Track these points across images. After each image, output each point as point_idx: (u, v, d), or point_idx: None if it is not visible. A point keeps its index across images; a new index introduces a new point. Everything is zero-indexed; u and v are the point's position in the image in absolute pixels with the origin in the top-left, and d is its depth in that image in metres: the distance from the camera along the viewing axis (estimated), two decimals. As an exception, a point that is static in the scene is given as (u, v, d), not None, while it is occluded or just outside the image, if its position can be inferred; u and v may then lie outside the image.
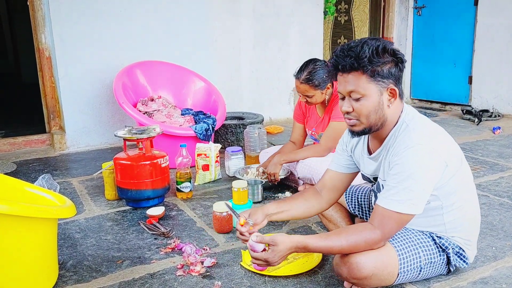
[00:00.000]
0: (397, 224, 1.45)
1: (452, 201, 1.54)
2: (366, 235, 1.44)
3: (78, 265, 1.86)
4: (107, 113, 3.80)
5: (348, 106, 1.48)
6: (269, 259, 1.49)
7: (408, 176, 1.41)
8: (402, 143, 1.45)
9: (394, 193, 1.43)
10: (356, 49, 1.42)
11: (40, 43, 3.60)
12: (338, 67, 1.46)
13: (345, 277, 1.50)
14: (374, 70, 1.42)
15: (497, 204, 2.42)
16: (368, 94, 1.44)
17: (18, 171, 3.17)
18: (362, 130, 1.51)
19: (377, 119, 1.48)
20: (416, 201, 1.42)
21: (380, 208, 1.45)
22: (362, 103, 1.45)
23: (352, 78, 1.45)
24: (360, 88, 1.44)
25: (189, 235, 2.12)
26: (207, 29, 4.14)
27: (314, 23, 4.80)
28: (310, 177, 2.46)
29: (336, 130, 2.43)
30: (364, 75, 1.43)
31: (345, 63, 1.43)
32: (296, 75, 2.42)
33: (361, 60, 1.41)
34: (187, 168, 2.57)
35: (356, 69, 1.43)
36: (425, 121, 1.53)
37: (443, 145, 1.48)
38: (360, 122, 1.49)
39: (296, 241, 1.49)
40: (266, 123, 4.52)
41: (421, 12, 5.49)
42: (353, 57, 1.42)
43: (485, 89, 4.98)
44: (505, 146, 3.62)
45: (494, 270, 1.75)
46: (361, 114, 1.47)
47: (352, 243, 1.45)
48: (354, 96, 1.46)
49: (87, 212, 2.43)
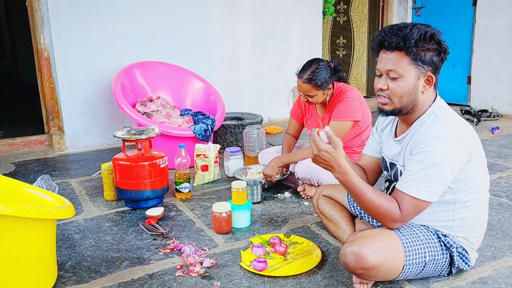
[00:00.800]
0: (414, 209, 1.49)
1: (467, 198, 1.56)
2: (392, 207, 1.49)
3: (77, 266, 1.86)
4: (106, 113, 3.79)
5: (384, 84, 1.52)
6: (331, 153, 1.49)
7: (431, 164, 1.44)
8: (429, 131, 1.48)
9: (414, 179, 1.46)
10: (405, 30, 1.46)
11: (39, 44, 3.60)
12: (384, 43, 1.49)
13: (352, 267, 1.50)
14: (418, 53, 1.46)
15: (496, 204, 2.43)
16: (406, 75, 1.48)
17: (17, 172, 3.17)
18: (391, 110, 1.54)
19: (409, 102, 1.52)
20: (434, 190, 1.46)
21: (399, 192, 1.50)
22: (398, 83, 1.49)
23: (394, 57, 1.48)
24: (399, 69, 1.48)
25: (188, 235, 2.12)
26: (206, 30, 4.14)
27: (313, 23, 4.80)
28: (309, 178, 2.46)
29: (336, 129, 2.43)
30: (406, 56, 1.47)
31: (391, 40, 1.47)
32: (298, 74, 2.41)
33: (408, 41, 1.44)
34: (186, 169, 2.57)
35: (401, 49, 1.46)
36: (455, 115, 1.57)
37: (469, 140, 1.50)
38: (392, 102, 1.53)
39: (346, 159, 1.51)
40: (265, 123, 4.52)
41: (420, 12, 5.50)
42: (400, 37, 1.45)
43: (484, 89, 4.99)
44: (503, 146, 3.62)
45: (493, 270, 1.76)
46: (394, 94, 1.51)
47: (378, 203, 1.49)
48: (392, 75, 1.49)
49: (86, 212, 2.43)
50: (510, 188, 2.66)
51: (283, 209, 2.43)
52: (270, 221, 2.27)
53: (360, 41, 5.84)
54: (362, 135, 2.53)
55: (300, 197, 2.57)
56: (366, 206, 1.52)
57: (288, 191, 2.67)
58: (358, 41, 5.86)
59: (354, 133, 2.50)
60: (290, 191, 2.68)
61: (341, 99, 2.43)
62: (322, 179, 2.43)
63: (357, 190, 1.51)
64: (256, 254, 1.85)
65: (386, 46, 1.49)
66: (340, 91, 2.47)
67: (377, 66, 1.55)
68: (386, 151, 1.73)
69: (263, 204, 2.49)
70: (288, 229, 2.17)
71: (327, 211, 1.97)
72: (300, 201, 2.54)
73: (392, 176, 1.70)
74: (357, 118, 2.42)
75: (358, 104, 2.42)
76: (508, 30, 4.68)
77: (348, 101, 2.41)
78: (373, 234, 1.56)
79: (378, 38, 1.51)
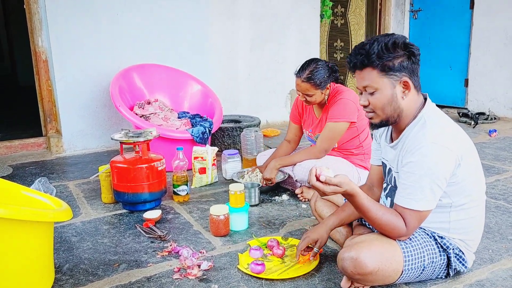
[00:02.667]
0: (418, 220, 1.52)
1: (462, 202, 1.58)
2: (398, 223, 1.51)
3: (75, 269, 1.85)
4: (104, 116, 3.79)
5: (364, 100, 1.57)
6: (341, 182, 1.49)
7: (422, 174, 1.46)
8: (416, 140, 1.51)
9: (410, 192, 1.49)
10: (367, 46, 1.51)
11: (36, 46, 3.59)
12: (351, 64, 1.55)
13: (350, 272, 1.50)
14: (385, 64, 1.49)
15: (493, 206, 2.43)
16: (381, 87, 1.52)
17: (15, 175, 3.16)
18: (379, 122, 1.59)
19: (393, 110, 1.55)
20: (431, 198, 1.49)
21: (399, 207, 1.52)
22: (376, 96, 1.54)
23: (365, 74, 1.53)
24: (373, 83, 1.52)
25: (186, 238, 2.11)
26: (204, 32, 4.14)
27: (310, 26, 4.82)
28: (307, 180, 2.46)
29: (332, 131, 2.44)
30: (375, 70, 1.51)
31: (356, 60, 1.53)
32: (297, 74, 2.42)
33: (370, 56, 1.49)
34: (184, 171, 2.57)
35: (366, 65, 1.51)
36: (444, 119, 1.58)
37: (457, 144, 1.51)
38: (377, 114, 1.57)
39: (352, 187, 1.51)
40: (263, 126, 4.52)
41: (417, 15, 5.52)
42: (363, 55, 1.51)
43: (481, 92, 5.01)
44: (501, 149, 3.63)
45: (490, 273, 1.76)
46: (376, 107, 1.55)
47: (385, 220, 1.51)
48: (369, 90, 1.54)
49: (84, 215, 2.42)
50: (508, 191, 2.67)
51: (281, 211, 2.43)
52: (268, 223, 2.27)
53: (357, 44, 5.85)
54: (360, 137, 2.53)
55: (298, 200, 2.57)
56: (373, 222, 1.54)
57: (286, 193, 2.67)
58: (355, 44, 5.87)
59: (351, 134, 2.51)
60: (288, 193, 2.68)
61: (336, 100, 2.44)
62: (320, 181, 2.42)
63: (364, 209, 1.52)
64: (253, 257, 1.85)
65: (353, 67, 1.56)
66: (336, 92, 2.48)
67: (356, 85, 1.60)
68: (385, 156, 1.75)
69: (261, 207, 2.49)
70: (286, 232, 2.16)
71: (324, 213, 1.98)
72: (298, 203, 2.54)
73: (388, 180, 1.72)
74: (352, 119, 2.43)
75: (353, 105, 2.43)
76: (505, 33, 4.70)
77: (343, 102, 2.42)
78: (371, 238, 1.56)
79: (347, 61, 1.58)
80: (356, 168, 2.54)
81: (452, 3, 5.12)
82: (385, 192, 1.76)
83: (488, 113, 4.84)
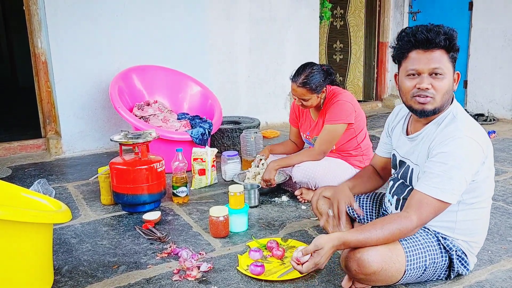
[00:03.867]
0: (435, 211, 1.48)
1: (472, 201, 1.57)
2: (400, 223, 1.47)
3: (74, 271, 1.85)
4: (103, 117, 3.79)
5: (428, 83, 1.50)
6: (317, 262, 1.49)
7: (454, 165, 1.45)
8: (450, 132, 1.49)
9: (438, 181, 1.46)
10: (444, 29, 1.48)
11: (36, 48, 3.59)
12: (428, 42, 1.47)
13: (353, 272, 1.50)
14: (455, 52, 1.50)
15: (492, 208, 2.40)
16: (448, 73, 1.50)
17: (14, 176, 3.16)
18: (433, 109, 1.53)
19: (447, 99, 1.54)
20: (457, 191, 1.47)
21: (420, 194, 1.48)
22: (442, 81, 1.50)
23: (437, 55, 1.49)
24: (444, 67, 1.49)
25: (185, 239, 2.11)
26: (203, 34, 4.15)
27: (310, 27, 4.82)
28: (307, 181, 2.47)
29: (330, 133, 2.44)
30: (446, 55, 1.49)
31: (439, 39, 1.46)
32: (292, 79, 2.42)
33: (452, 40, 1.47)
34: (183, 173, 2.57)
35: (443, 47, 1.48)
36: (471, 117, 1.59)
37: (485, 142, 1.53)
38: (435, 100, 1.52)
39: (336, 238, 1.49)
40: (262, 127, 4.52)
41: (416, 17, 5.52)
42: (445, 36, 1.46)
43: (480, 94, 5.01)
44: (500, 150, 3.64)
45: (490, 274, 1.76)
46: (440, 91, 1.50)
47: (388, 233, 1.47)
48: (438, 72, 1.49)
49: (83, 217, 2.42)
50: (507, 192, 2.67)
51: (280, 213, 2.43)
52: (268, 225, 2.27)
53: (357, 45, 5.86)
54: (357, 138, 2.53)
55: (297, 201, 2.57)
56: (382, 242, 1.48)
57: (285, 195, 2.67)
58: (355, 46, 5.88)
59: (348, 136, 2.51)
60: (288, 195, 2.68)
61: (333, 102, 2.44)
62: (320, 183, 2.43)
63: (363, 242, 1.48)
64: (253, 258, 1.85)
65: (427, 45, 1.47)
66: (332, 94, 2.48)
67: (412, 66, 1.51)
68: (398, 148, 1.73)
69: (261, 208, 2.49)
70: (286, 233, 2.16)
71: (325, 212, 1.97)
72: (297, 205, 2.54)
73: (401, 174, 1.69)
74: (350, 121, 2.43)
75: (350, 106, 2.43)
76: (504, 35, 4.71)
77: (340, 104, 2.42)
78: None
79: (419, 37, 1.48)
80: (355, 169, 2.54)
81: (451, 4, 5.13)
82: (391, 190, 1.75)
83: (487, 114, 4.85)
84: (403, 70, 1.55)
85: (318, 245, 1.49)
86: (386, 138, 1.85)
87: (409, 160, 1.65)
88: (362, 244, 1.48)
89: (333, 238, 1.49)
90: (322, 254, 1.48)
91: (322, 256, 1.48)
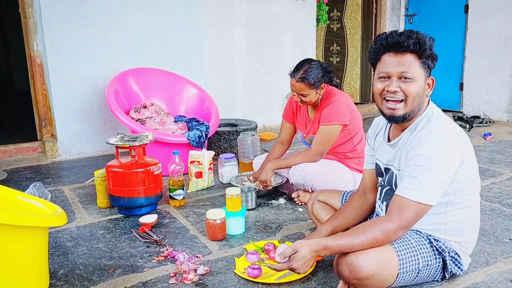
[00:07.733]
0: (416, 214, 1.48)
1: (459, 201, 1.58)
2: (383, 226, 1.47)
3: (70, 274, 1.84)
4: (99, 120, 3.78)
5: (396, 86, 1.52)
6: (293, 266, 1.49)
7: (429, 167, 1.45)
8: (424, 135, 1.50)
9: (415, 183, 1.47)
10: (417, 34, 1.49)
11: (32, 51, 3.58)
12: (398, 45, 1.49)
13: (346, 277, 1.50)
14: (427, 57, 1.50)
15: (488, 209, 2.44)
16: (418, 78, 1.51)
17: (9, 179, 3.14)
18: (403, 114, 1.54)
19: (417, 105, 1.54)
20: (435, 192, 1.47)
21: (399, 198, 1.49)
22: (411, 85, 1.51)
23: (406, 59, 1.50)
24: (413, 71, 1.50)
25: (182, 242, 2.11)
26: (200, 36, 4.15)
27: (307, 30, 4.83)
28: (303, 183, 2.46)
29: (326, 133, 2.44)
30: (418, 60, 1.50)
31: (408, 42, 1.47)
32: (291, 74, 2.43)
33: (423, 45, 1.47)
34: (180, 176, 2.56)
35: (413, 51, 1.49)
36: (447, 118, 1.59)
37: (462, 142, 1.53)
38: (405, 104, 1.53)
39: (315, 243, 1.49)
40: (260, 130, 4.52)
41: (412, 20, 5.55)
42: (414, 40, 1.48)
43: (476, 96, 5.03)
44: (496, 152, 3.65)
45: (486, 276, 1.76)
46: (409, 95, 1.51)
47: (370, 237, 1.46)
48: (406, 76, 1.50)
49: (79, 220, 2.41)
50: (503, 194, 2.68)
51: (277, 215, 2.42)
52: (265, 227, 2.26)
53: (353, 48, 5.88)
54: (353, 140, 2.54)
55: (294, 203, 2.57)
56: (366, 246, 1.47)
57: (282, 197, 2.67)
58: (351, 48, 5.90)
59: (343, 138, 2.51)
60: (285, 197, 2.67)
61: (328, 102, 2.45)
62: (316, 185, 2.43)
63: (348, 246, 1.47)
64: (250, 261, 1.85)
65: (398, 49, 1.49)
66: (328, 94, 2.48)
67: (383, 69, 1.53)
68: (380, 157, 1.74)
69: (257, 211, 2.49)
70: (283, 236, 2.16)
71: (321, 216, 1.97)
72: (294, 207, 2.53)
73: (386, 181, 1.70)
74: (345, 122, 2.44)
75: (346, 107, 2.43)
76: (499, 37, 4.73)
77: (335, 104, 2.43)
78: None
79: (390, 39, 1.50)
80: (352, 172, 2.55)
81: (447, 7, 5.15)
82: (380, 197, 1.76)
83: (483, 116, 4.87)
84: (376, 72, 1.58)
85: (294, 248, 1.49)
86: (370, 150, 1.84)
87: (392, 166, 1.66)
88: (346, 249, 1.47)
89: (310, 243, 1.49)
90: (297, 258, 1.48)
91: (298, 260, 1.48)
